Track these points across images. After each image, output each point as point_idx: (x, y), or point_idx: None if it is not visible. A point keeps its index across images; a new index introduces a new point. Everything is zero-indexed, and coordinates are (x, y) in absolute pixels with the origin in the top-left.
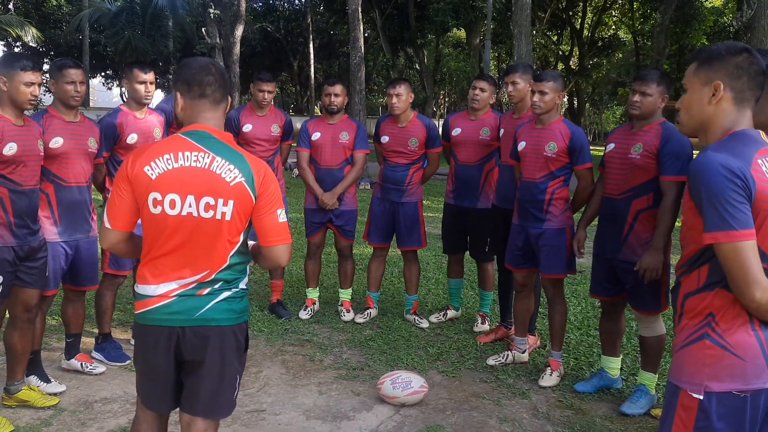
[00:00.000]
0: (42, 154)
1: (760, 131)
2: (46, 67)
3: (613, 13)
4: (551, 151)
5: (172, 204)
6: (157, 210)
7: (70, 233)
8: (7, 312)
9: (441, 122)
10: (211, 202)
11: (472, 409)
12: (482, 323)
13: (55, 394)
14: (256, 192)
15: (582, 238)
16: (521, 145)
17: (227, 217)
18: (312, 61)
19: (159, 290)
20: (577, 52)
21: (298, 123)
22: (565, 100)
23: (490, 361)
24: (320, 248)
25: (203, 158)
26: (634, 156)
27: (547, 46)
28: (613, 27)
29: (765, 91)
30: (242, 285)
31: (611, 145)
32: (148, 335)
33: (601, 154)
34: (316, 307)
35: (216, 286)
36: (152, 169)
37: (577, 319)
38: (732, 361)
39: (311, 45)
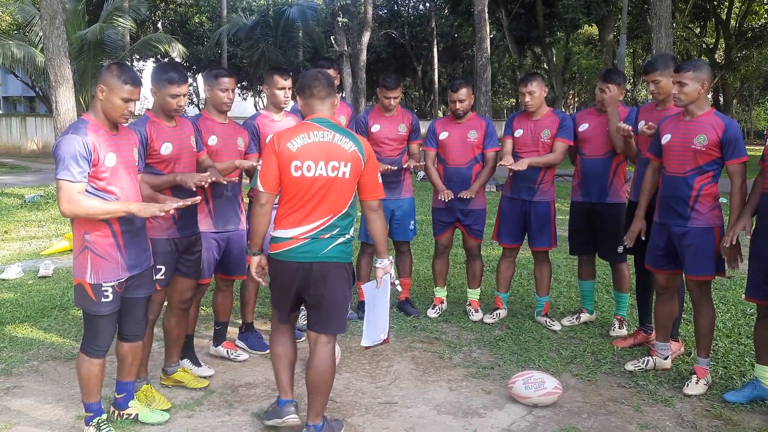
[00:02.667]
0: (195, 149)
1: None
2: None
3: (765, 0)
4: (700, 144)
5: (309, 168)
6: (298, 174)
7: (223, 225)
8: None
9: None
10: (336, 164)
11: (609, 414)
12: (619, 327)
13: (205, 377)
14: (365, 158)
15: (732, 237)
16: (665, 138)
17: (346, 176)
18: (436, 65)
19: (293, 233)
20: (723, 45)
21: (422, 128)
22: (710, 96)
23: (629, 366)
24: (448, 248)
25: (327, 135)
26: None
27: (688, 38)
28: (765, 16)
29: None
30: (350, 233)
31: None
32: (285, 268)
33: (754, 153)
34: (444, 306)
35: (334, 232)
36: (293, 144)
37: (726, 326)
38: None
39: (435, 49)
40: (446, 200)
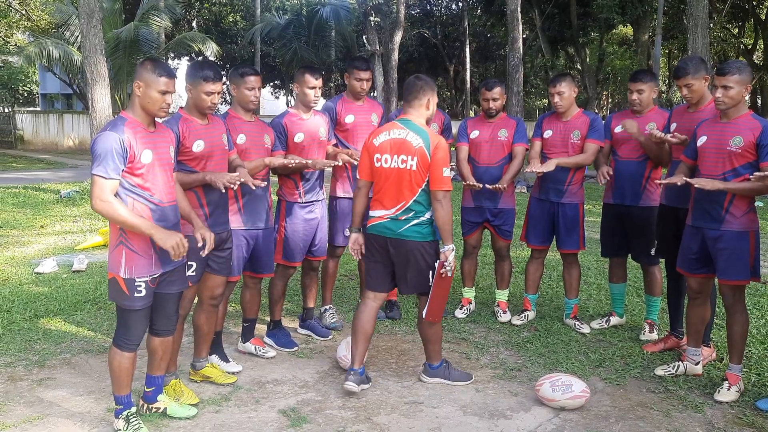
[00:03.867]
0: (227, 148)
1: None
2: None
3: None
4: (736, 146)
5: (386, 160)
6: (378, 165)
7: (253, 223)
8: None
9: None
10: (405, 158)
11: (638, 419)
12: (650, 332)
13: (233, 373)
14: (430, 154)
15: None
16: (701, 140)
17: (413, 168)
18: (468, 65)
19: (378, 214)
20: (762, 45)
21: (453, 128)
22: (747, 98)
23: (659, 371)
24: (477, 248)
25: (402, 133)
26: None
27: (726, 39)
28: None
29: None
30: (427, 216)
31: None
32: (374, 240)
33: None
34: (472, 306)
35: (410, 215)
36: (377, 140)
37: (760, 333)
38: None
39: (467, 48)
40: (478, 187)
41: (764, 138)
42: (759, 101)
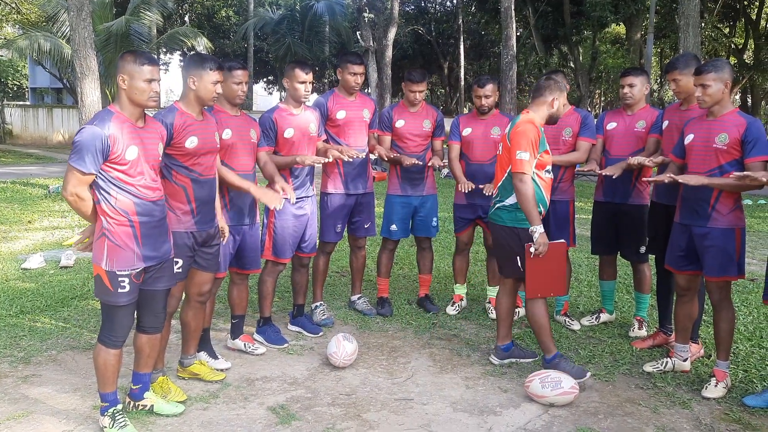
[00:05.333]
0: (218, 146)
1: None
2: None
3: None
4: (722, 143)
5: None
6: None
7: (238, 219)
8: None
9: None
10: (500, 146)
11: (626, 415)
12: (639, 328)
13: (221, 370)
14: (510, 139)
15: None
16: (688, 138)
17: (500, 152)
18: (462, 62)
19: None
20: (753, 45)
21: (446, 126)
22: (738, 97)
23: (648, 368)
24: (469, 245)
25: (509, 126)
26: None
27: (717, 38)
28: None
29: None
30: (508, 201)
31: None
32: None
33: None
34: (464, 303)
35: (496, 198)
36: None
37: (747, 330)
38: None
39: (462, 46)
40: (466, 191)
41: (749, 134)
42: (749, 100)
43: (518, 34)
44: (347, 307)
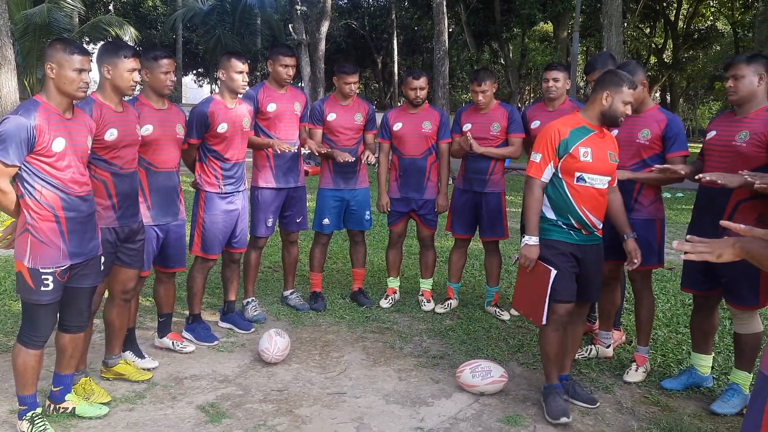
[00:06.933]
0: (140, 138)
1: None
2: None
3: (711, 3)
4: (644, 138)
5: None
6: None
7: (162, 216)
8: (106, 291)
9: None
10: None
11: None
12: None
13: (148, 369)
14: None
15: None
16: (613, 134)
17: None
18: (396, 57)
19: None
20: (671, 45)
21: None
22: (657, 95)
23: None
24: (402, 237)
25: None
26: (739, 144)
27: (638, 38)
28: (711, 18)
29: None
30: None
31: (712, 133)
32: None
33: (697, 151)
34: (397, 296)
35: None
36: None
37: (665, 316)
38: None
39: (395, 41)
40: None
41: (669, 131)
42: (668, 98)
43: (450, 30)
44: (280, 302)
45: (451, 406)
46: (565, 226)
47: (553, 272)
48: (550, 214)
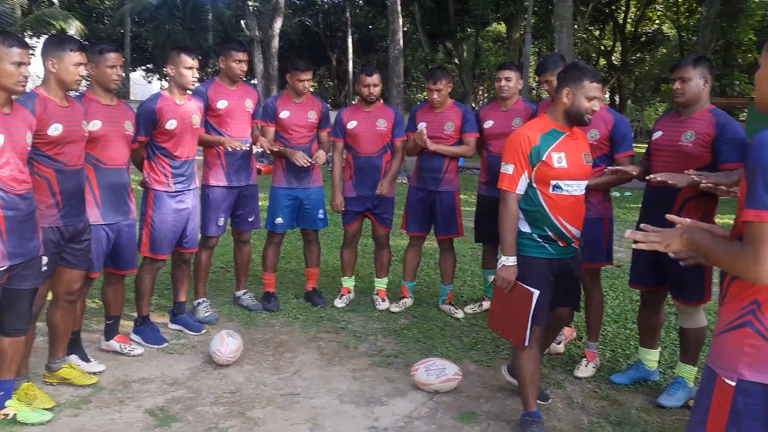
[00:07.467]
0: (86, 134)
1: None
2: None
3: (657, 7)
4: (593, 138)
5: None
6: None
7: (112, 216)
8: (50, 292)
9: None
10: None
11: (506, 398)
12: None
13: (94, 373)
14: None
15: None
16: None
17: None
18: (350, 56)
19: None
20: (620, 48)
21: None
22: (607, 96)
23: None
24: (357, 237)
25: None
26: (685, 144)
27: (588, 40)
28: (657, 22)
29: None
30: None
31: (658, 133)
32: None
33: (642, 151)
34: (352, 296)
35: None
36: None
37: (614, 312)
38: None
39: (350, 39)
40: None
41: (617, 131)
42: (617, 99)
43: (405, 29)
44: (232, 303)
45: (406, 405)
46: (540, 239)
47: (536, 294)
48: (525, 227)
